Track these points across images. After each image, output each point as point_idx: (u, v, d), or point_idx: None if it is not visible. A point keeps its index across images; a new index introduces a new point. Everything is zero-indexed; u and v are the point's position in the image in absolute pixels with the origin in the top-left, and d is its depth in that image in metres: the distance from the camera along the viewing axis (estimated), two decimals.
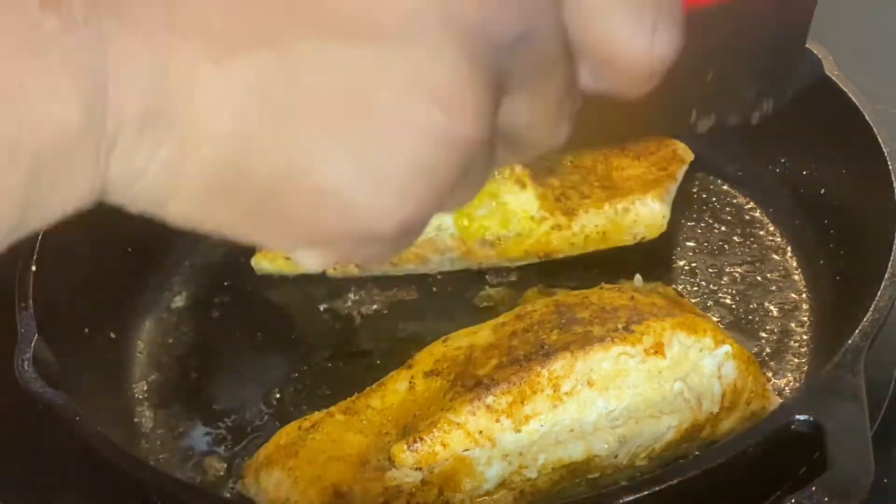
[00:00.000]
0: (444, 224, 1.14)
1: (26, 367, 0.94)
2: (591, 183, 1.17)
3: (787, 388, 1.02)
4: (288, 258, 1.15)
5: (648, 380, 0.91)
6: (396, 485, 0.89)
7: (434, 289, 1.16)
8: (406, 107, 0.41)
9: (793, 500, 0.77)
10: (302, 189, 0.41)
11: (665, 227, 1.14)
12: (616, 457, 0.92)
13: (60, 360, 0.98)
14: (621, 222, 1.14)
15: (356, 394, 0.99)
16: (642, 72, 0.47)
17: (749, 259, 1.15)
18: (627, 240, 1.15)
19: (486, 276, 1.16)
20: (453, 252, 1.15)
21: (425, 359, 0.97)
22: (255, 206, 0.42)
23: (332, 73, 0.40)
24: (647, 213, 1.14)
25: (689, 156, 1.20)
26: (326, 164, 0.41)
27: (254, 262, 1.16)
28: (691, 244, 1.17)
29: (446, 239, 1.14)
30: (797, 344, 1.06)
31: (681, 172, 1.19)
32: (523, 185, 1.13)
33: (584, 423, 0.90)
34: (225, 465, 1.01)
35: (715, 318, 1.07)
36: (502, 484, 0.91)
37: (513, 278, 1.16)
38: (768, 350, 1.06)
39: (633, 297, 0.98)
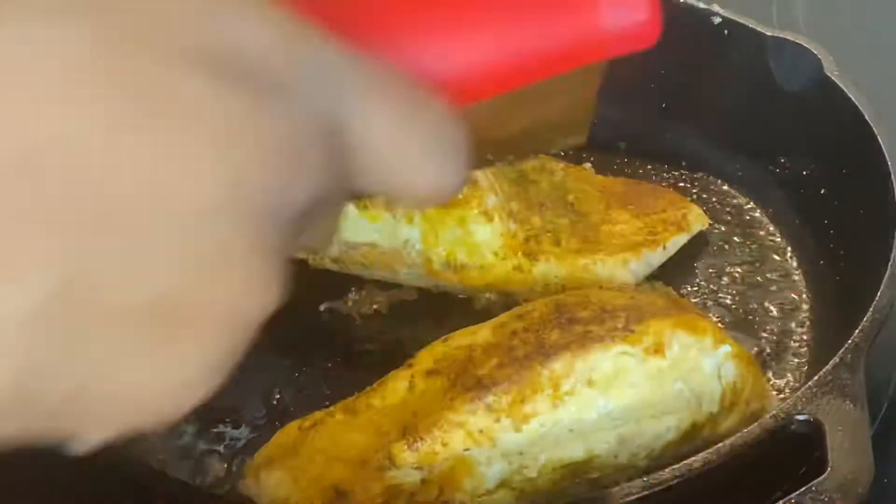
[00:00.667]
0: (412, 239, 1.12)
1: None
2: (575, 231, 1.14)
3: (787, 388, 1.02)
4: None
5: (649, 379, 0.91)
6: (397, 484, 0.89)
7: (434, 290, 1.16)
8: (197, 301, 0.40)
9: (793, 500, 0.77)
10: (99, 395, 0.39)
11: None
12: (616, 457, 0.92)
13: None
14: (581, 278, 1.11)
15: (356, 393, 0.99)
16: (436, 200, 0.49)
17: (749, 259, 1.15)
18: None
19: None
20: (419, 269, 1.13)
21: (425, 358, 0.97)
22: (51, 415, 0.39)
23: (121, 285, 0.38)
24: (608, 278, 1.10)
25: (699, 226, 1.15)
26: (121, 372, 0.39)
27: None
28: (691, 244, 1.17)
29: (413, 254, 1.12)
30: (797, 344, 1.06)
31: (675, 242, 1.13)
32: (490, 219, 1.10)
33: (585, 422, 0.90)
34: (225, 465, 1.01)
35: (715, 318, 1.07)
36: (503, 484, 0.91)
37: None
38: (768, 350, 1.06)
39: (633, 297, 0.98)
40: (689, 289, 1.12)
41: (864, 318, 0.89)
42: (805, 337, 1.07)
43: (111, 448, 0.91)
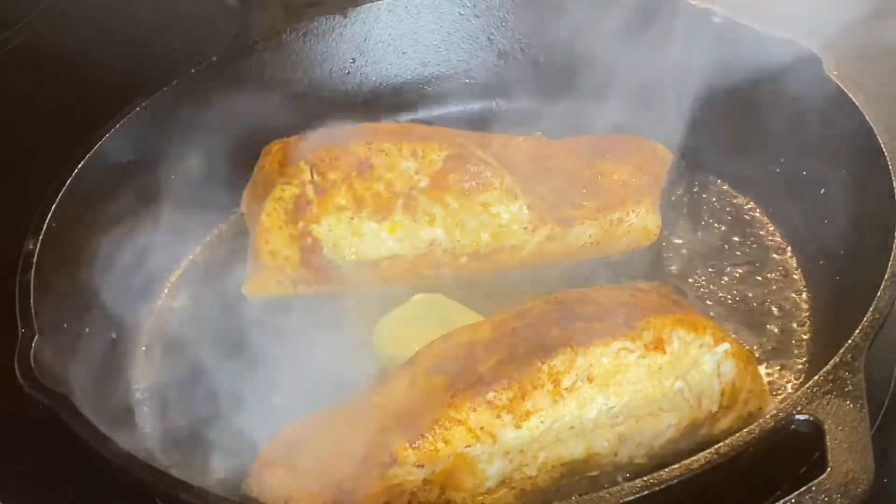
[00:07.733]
0: (437, 239, 1.13)
1: (27, 367, 0.94)
2: (579, 190, 1.17)
3: (787, 388, 1.02)
4: (279, 282, 1.15)
5: (648, 376, 0.91)
6: (398, 483, 0.89)
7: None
8: None
9: (792, 500, 0.77)
10: None
11: (658, 236, 1.15)
12: (616, 455, 0.92)
13: (60, 360, 0.98)
14: (615, 232, 1.14)
15: (357, 391, 0.99)
16: None
17: (749, 259, 1.15)
18: (620, 249, 1.15)
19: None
20: (447, 267, 1.15)
21: (426, 356, 0.97)
22: None
23: None
24: (640, 224, 1.14)
25: (669, 155, 1.21)
26: None
27: (245, 289, 1.16)
28: (692, 244, 1.17)
29: (439, 254, 1.14)
30: (797, 344, 1.06)
31: (665, 175, 1.20)
32: (514, 196, 1.12)
33: (585, 420, 0.90)
34: (226, 465, 1.01)
35: (715, 318, 1.07)
36: (503, 482, 0.91)
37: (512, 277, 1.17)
38: (768, 350, 1.06)
39: (633, 295, 0.98)
40: (690, 288, 1.13)
41: (865, 318, 0.89)
42: (805, 337, 1.07)
43: (113, 448, 0.91)
